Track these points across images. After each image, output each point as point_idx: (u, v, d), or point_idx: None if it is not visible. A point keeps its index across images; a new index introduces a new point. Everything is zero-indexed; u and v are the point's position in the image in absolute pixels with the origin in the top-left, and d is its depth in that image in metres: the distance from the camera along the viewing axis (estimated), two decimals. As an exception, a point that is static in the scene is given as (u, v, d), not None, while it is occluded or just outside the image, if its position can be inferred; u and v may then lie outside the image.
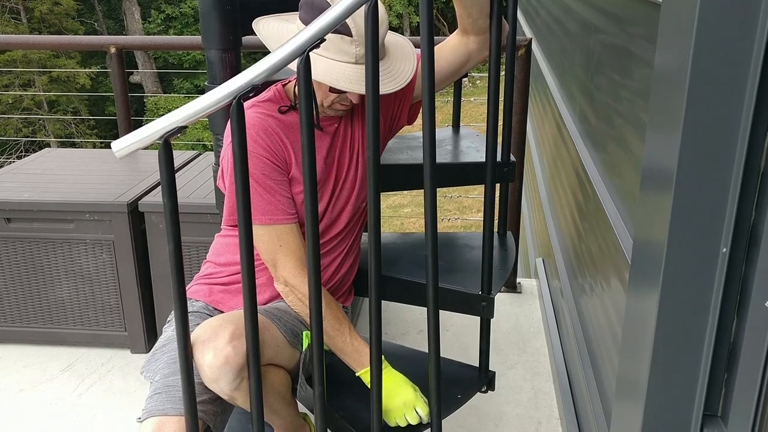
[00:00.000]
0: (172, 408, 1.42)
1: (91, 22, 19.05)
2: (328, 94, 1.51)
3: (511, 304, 2.99)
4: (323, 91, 1.50)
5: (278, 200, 1.51)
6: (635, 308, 1.04)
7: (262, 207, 1.50)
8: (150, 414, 1.43)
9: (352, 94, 1.49)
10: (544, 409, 2.29)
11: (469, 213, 9.40)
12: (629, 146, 1.47)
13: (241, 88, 1.15)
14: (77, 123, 16.22)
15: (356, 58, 1.41)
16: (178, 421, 1.40)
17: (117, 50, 3.03)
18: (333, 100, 1.52)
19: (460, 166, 1.98)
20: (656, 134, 0.95)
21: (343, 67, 1.42)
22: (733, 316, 0.87)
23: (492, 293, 1.62)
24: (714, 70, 0.78)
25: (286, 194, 1.53)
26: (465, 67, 1.66)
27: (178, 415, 1.40)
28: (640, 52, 1.40)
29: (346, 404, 1.62)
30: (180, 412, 1.40)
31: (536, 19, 4.78)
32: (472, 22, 1.54)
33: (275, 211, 1.51)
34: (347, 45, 1.41)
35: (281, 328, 1.53)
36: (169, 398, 1.44)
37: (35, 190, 2.58)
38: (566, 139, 2.59)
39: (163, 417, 1.42)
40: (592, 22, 2.13)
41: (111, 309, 2.58)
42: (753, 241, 0.82)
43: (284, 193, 1.53)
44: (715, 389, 0.91)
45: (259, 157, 1.49)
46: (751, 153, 0.79)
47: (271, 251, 1.52)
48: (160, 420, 1.42)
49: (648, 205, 0.99)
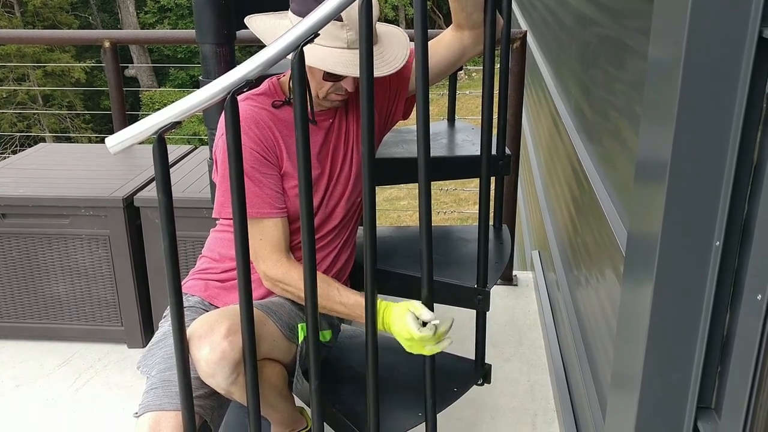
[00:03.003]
0: (168, 403, 1.43)
1: (86, 15, 18.96)
2: (323, 84, 1.50)
3: (507, 297, 3.00)
4: (317, 80, 1.50)
5: (266, 193, 1.51)
6: (629, 301, 1.04)
7: (249, 199, 1.50)
8: (147, 409, 1.44)
9: (347, 82, 1.49)
10: (541, 401, 2.30)
11: (466, 205, 9.40)
12: (624, 139, 1.47)
13: (235, 83, 1.15)
14: (72, 117, 16.16)
15: (348, 42, 1.41)
16: (175, 416, 1.40)
17: (111, 45, 3.02)
18: (328, 90, 1.52)
19: (455, 160, 1.98)
20: (650, 128, 0.95)
21: (336, 53, 1.41)
22: (726, 310, 0.87)
23: (487, 287, 1.63)
24: (706, 64, 0.78)
25: (274, 188, 1.52)
26: (460, 62, 1.66)
27: (175, 409, 1.41)
28: (635, 45, 1.40)
29: (342, 398, 1.63)
30: (177, 406, 1.41)
31: (532, 12, 4.77)
32: (467, 16, 1.54)
33: (261, 204, 1.50)
34: (338, 30, 1.40)
35: (277, 322, 1.53)
36: (166, 393, 1.44)
37: (30, 186, 2.57)
38: (561, 131, 2.59)
39: (160, 412, 1.42)
40: (586, 15, 2.13)
41: (107, 304, 2.57)
42: (745, 235, 0.82)
43: (273, 187, 1.52)
44: (708, 382, 0.91)
45: (249, 150, 1.48)
46: (743, 147, 0.79)
47: (252, 245, 1.53)
48: (157, 415, 1.42)
49: (642, 198, 0.99)
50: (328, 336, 1.67)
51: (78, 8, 18.92)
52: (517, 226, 4.02)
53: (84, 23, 18.67)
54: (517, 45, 2.74)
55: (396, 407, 1.60)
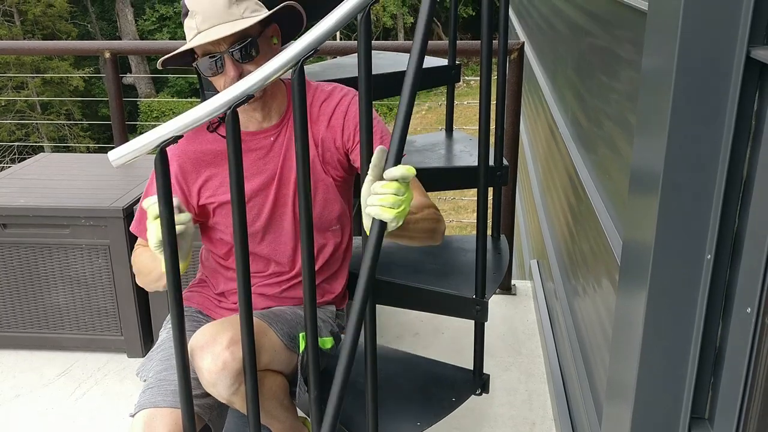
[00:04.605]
0: (163, 400, 1.45)
1: (84, 23, 19.01)
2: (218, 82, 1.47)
3: (506, 306, 3.01)
4: (216, 84, 1.48)
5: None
6: (624, 312, 1.06)
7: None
8: (141, 407, 1.45)
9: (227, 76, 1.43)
10: (539, 410, 2.31)
11: (465, 214, 9.42)
12: (619, 149, 1.49)
13: (236, 98, 1.17)
14: (70, 125, 16.18)
15: (198, 27, 1.42)
16: (170, 413, 1.42)
17: (111, 55, 3.04)
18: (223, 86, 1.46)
19: (453, 170, 2.00)
20: (643, 141, 0.97)
21: (195, 41, 1.42)
22: (718, 321, 0.89)
23: (486, 297, 1.64)
24: (697, 83, 0.80)
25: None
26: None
27: (170, 406, 1.43)
28: (630, 57, 1.42)
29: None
30: (171, 404, 1.43)
31: (529, 22, 4.81)
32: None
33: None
34: (190, 21, 1.43)
35: (278, 332, 1.54)
36: (161, 391, 1.46)
37: (31, 196, 2.59)
38: (558, 141, 2.61)
39: (155, 409, 1.44)
40: (582, 26, 2.15)
41: (107, 313, 2.59)
42: (736, 249, 0.84)
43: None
44: (702, 392, 0.93)
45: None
46: (733, 163, 0.81)
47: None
48: (151, 412, 1.44)
49: (636, 209, 1.01)
50: (329, 344, 1.68)
51: (77, 17, 18.97)
52: (516, 235, 4.04)
53: (83, 31, 18.71)
54: (515, 56, 2.77)
55: (395, 417, 1.61)
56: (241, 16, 1.41)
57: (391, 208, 1.14)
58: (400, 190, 1.15)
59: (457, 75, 2.26)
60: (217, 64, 1.43)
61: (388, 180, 1.15)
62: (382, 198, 1.14)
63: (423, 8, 1.17)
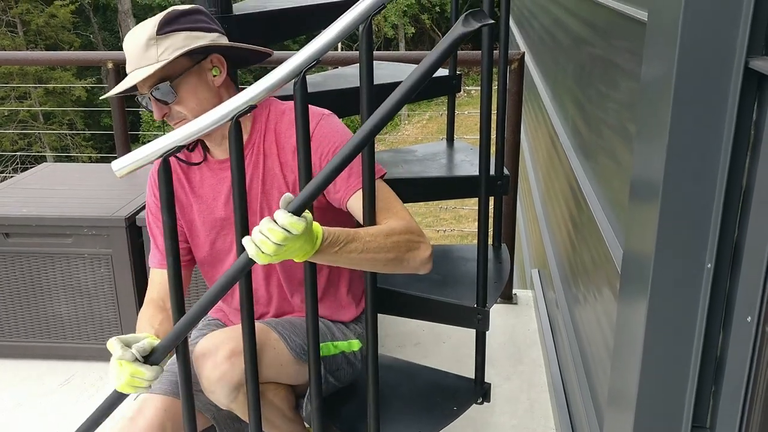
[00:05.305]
0: (158, 388, 1.50)
1: (87, 34, 19.11)
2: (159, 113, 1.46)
3: (507, 315, 3.01)
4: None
5: (154, 246, 1.62)
6: (625, 320, 1.06)
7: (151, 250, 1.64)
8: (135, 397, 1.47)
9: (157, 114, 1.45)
10: (540, 419, 2.31)
11: (466, 223, 9.43)
12: (619, 159, 1.50)
13: (238, 108, 1.18)
14: (73, 135, 16.24)
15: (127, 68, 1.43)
16: (161, 399, 1.48)
17: (114, 65, 3.06)
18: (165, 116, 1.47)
19: (454, 180, 2.01)
20: (643, 150, 0.98)
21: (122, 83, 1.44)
22: (719, 330, 0.89)
23: (487, 306, 1.64)
24: (696, 93, 0.81)
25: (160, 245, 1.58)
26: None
27: (162, 393, 1.49)
28: (630, 67, 1.43)
29: (343, 415, 1.64)
30: (164, 391, 1.49)
31: (530, 32, 4.83)
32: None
33: (152, 257, 1.63)
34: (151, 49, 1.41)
35: (289, 345, 1.51)
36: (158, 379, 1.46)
37: (33, 205, 2.59)
38: (559, 150, 2.62)
39: (147, 394, 1.48)
40: (583, 36, 2.17)
41: (109, 323, 2.59)
42: (736, 258, 0.85)
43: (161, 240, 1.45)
44: (703, 401, 0.93)
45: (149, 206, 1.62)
46: (732, 172, 0.82)
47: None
48: (143, 397, 1.49)
49: (636, 218, 1.01)
50: (357, 347, 1.64)
51: (79, 27, 19.07)
52: (517, 244, 4.04)
53: (85, 42, 18.81)
54: (516, 66, 2.78)
55: (396, 426, 1.61)
56: (157, 59, 1.38)
57: (264, 253, 1.11)
58: (285, 240, 1.10)
59: (458, 85, 2.27)
60: (147, 103, 1.46)
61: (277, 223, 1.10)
62: (261, 240, 1.11)
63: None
